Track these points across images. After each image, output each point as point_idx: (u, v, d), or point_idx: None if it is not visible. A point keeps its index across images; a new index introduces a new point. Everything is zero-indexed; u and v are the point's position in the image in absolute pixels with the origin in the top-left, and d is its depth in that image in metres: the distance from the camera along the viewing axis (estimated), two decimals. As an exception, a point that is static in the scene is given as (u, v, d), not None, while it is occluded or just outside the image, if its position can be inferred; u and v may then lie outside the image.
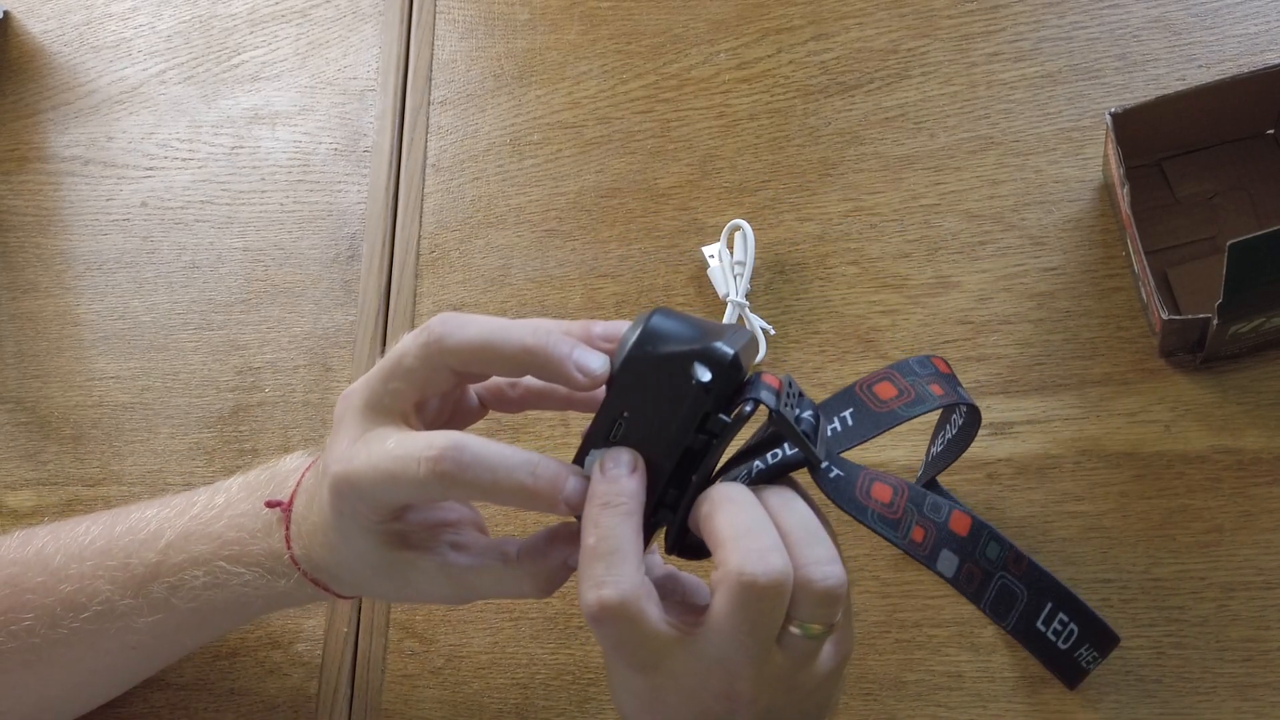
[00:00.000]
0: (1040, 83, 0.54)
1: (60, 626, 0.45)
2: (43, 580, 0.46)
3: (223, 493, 0.45)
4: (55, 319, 0.69)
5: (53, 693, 0.49)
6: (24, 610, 0.46)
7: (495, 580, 0.39)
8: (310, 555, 0.41)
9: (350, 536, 0.39)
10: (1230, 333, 0.43)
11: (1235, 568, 0.45)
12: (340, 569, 0.41)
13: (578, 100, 0.63)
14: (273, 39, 0.72)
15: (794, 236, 0.56)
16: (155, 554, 0.44)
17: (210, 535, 0.43)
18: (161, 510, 0.46)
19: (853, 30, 0.59)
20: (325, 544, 0.40)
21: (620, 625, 0.33)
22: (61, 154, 0.74)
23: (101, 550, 0.46)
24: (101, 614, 0.45)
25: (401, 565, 0.39)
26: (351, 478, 0.37)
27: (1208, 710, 0.43)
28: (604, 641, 0.35)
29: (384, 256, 0.64)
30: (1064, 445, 0.48)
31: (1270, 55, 0.51)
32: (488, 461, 0.35)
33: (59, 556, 0.46)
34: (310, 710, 0.55)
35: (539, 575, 0.38)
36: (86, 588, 0.45)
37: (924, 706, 0.47)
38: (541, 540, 0.38)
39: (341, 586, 0.42)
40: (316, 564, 0.41)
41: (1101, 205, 0.51)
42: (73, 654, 0.46)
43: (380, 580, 0.40)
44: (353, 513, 0.38)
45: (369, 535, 0.38)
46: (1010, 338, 0.50)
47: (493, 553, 0.39)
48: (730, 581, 0.32)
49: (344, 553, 0.40)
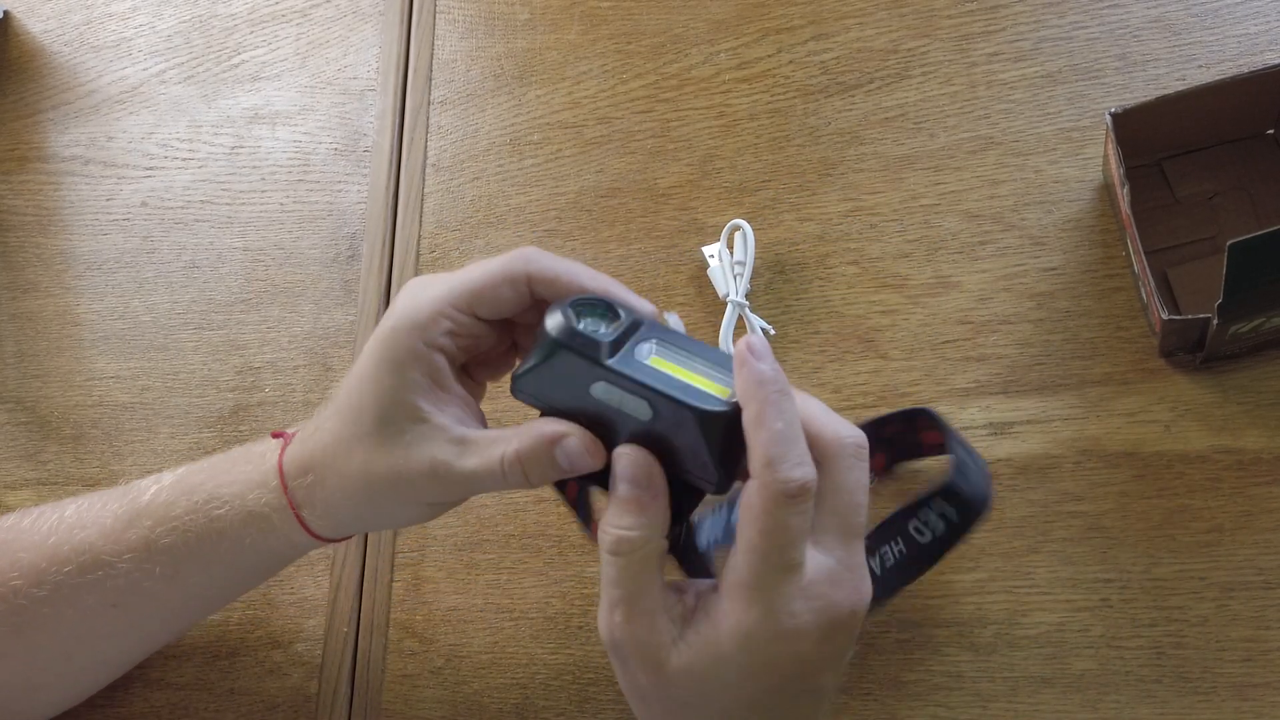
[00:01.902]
0: (1040, 83, 0.54)
1: (45, 583, 0.46)
2: (33, 539, 0.47)
3: (219, 454, 0.46)
4: (55, 319, 0.69)
5: (39, 666, 0.49)
6: (13, 570, 0.46)
7: (491, 480, 0.40)
8: (306, 448, 0.42)
9: (382, 376, 0.40)
10: (1230, 333, 0.43)
11: (1235, 568, 0.45)
12: (338, 444, 0.41)
13: (578, 100, 0.63)
14: (273, 39, 0.72)
15: (794, 236, 0.56)
16: (147, 496, 0.45)
17: (204, 467, 0.45)
18: (160, 474, 0.47)
19: (853, 30, 0.59)
20: (341, 407, 0.41)
21: (808, 508, 0.35)
22: (61, 154, 0.74)
23: (98, 502, 0.47)
24: (84, 565, 0.45)
25: (408, 438, 0.40)
26: (428, 282, 0.41)
27: (1208, 710, 0.43)
28: (795, 519, 0.34)
29: (384, 256, 0.64)
30: (1064, 445, 0.48)
31: (1270, 55, 0.51)
32: (562, 263, 0.40)
33: (54, 517, 0.47)
34: (310, 710, 0.55)
35: (534, 475, 0.39)
36: (72, 538, 0.46)
37: (924, 706, 0.47)
38: (544, 443, 0.39)
39: (318, 504, 0.42)
40: (308, 453, 0.42)
41: (1101, 205, 0.51)
42: (56, 615, 0.46)
43: (373, 483, 0.41)
44: (409, 328, 0.40)
45: (407, 366, 0.40)
46: (1010, 338, 0.50)
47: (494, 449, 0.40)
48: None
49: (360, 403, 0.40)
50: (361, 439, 0.41)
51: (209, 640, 0.58)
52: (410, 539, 0.57)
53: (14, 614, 0.46)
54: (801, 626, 0.35)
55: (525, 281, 0.40)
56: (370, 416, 0.40)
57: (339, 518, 0.43)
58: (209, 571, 0.46)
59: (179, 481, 0.46)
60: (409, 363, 0.40)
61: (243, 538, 0.44)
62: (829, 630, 0.35)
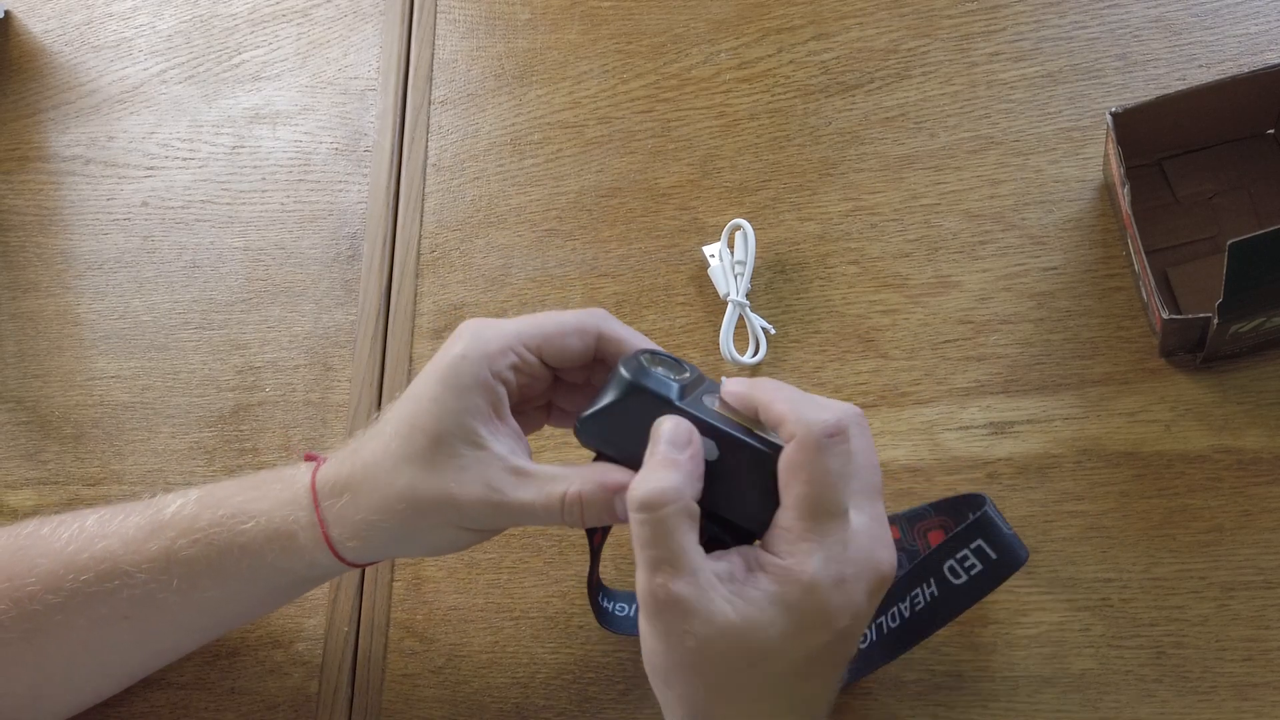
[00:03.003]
0: (1040, 82, 0.54)
1: (60, 590, 0.46)
2: (51, 545, 0.47)
3: (248, 474, 0.46)
4: (55, 318, 0.69)
5: (47, 673, 0.49)
6: (30, 575, 0.46)
7: (547, 514, 0.40)
8: (343, 468, 0.42)
9: (446, 398, 0.40)
10: (1230, 332, 0.43)
11: (1235, 567, 0.45)
12: (375, 470, 0.42)
13: (578, 100, 0.63)
14: (273, 39, 0.72)
15: (794, 236, 0.56)
16: (173, 509, 0.45)
17: (229, 485, 0.46)
18: (187, 489, 0.47)
19: (853, 30, 0.59)
20: (385, 432, 0.42)
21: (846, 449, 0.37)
22: (62, 153, 0.74)
23: (121, 512, 0.47)
24: (100, 574, 0.45)
25: (463, 461, 0.40)
26: (492, 321, 0.42)
27: (1208, 710, 0.43)
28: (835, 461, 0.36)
29: (384, 256, 0.64)
30: (1064, 445, 0.48)
31: (1270, 55, 0.51)
32: (630, 330, 0.43)
33: (75, 525, 0.47)
34: (310, 710, 0.55)
35: (589, 518, 0.40)
36: (90, 547, 0.46)
37: (924, 706, 0.47)
38: (606, 490, 0.40)
39: (346, 523, 0.42)
40: (344, 474, 0.42)
41: (1102, 205, 0.51)
42: (67, 622, 0.46)
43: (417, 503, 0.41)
44: (479, 356, 0.41)
45: (472, 391, 0.40)
46: (1010, 337, 0.50)
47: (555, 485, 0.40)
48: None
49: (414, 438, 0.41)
50: (411, 459, 0.41)
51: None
52: (410, 538, 0.57)
53: (26, 619, 0.46)
54: (856, 574, 0.36)
55: (595, 336, 0.42)
56: (425, 436, 0.41)
57: (369, 539, 0.43)
58: (225, 587, 0.46)
59: (205, 496, 0.46)
60: (474, 388, 0.41)
61: (265, 554, 0.44)
62: (874, 587, 0.36)
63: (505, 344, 0.41)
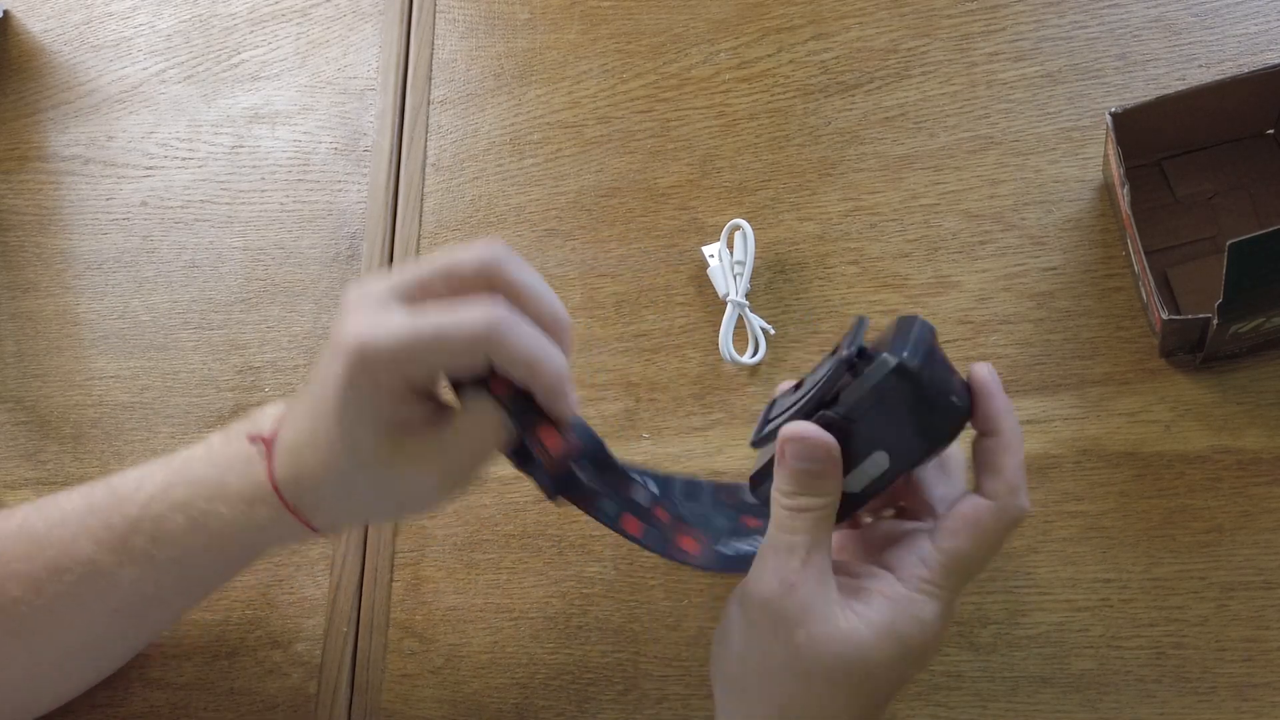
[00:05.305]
0: (1040, 82, 0.54)
1: (44, 593, 0.45)
2: (26, 549, 0.46)
3: (202, 445, 0.45)
4: (55, 318, 0.69)
5: (42, 667, 0.49)
6: (9, 580, 0.46)
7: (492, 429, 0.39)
8: (296, 471, 0.41)
9: (353, 421, 0.39)
10: (1230, 332, 0.43)
11: (1235, 568, 0.45)
12: (328, 475, 0.40)
13: (578, 100, 0.63)
14: (273, 38, 0.72)
15: (794, 236, 0.56)
16: (136, 508, 0.44)
17: (189, 480, 0.44)
18: (142, 470, 0.46)
19: (853, 30, 0.58)
20: (319, 443, 0.40)
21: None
22: (61, 153, 0.74)
23: (84, 511, 0.46)
24: (84, 576, 0.45)
25: (397, 454, 0.39)
26: (379, 344, 0.37)
27: (1208, 710, 0.43)
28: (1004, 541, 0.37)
29: (384, 256, 0.64)
30: (1064, 445, 0.48)
31: (1270, 55, 0.51)
32: (532, 334, 0.37)
33: (41, 525, 0.46)
34: (310, 710, 0.55)
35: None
36: (70, 550, 0.45)
37: (924, 706, 0.47)
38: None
39: (321, 513, 0.42)
40: (301, 478, 0.41)
41: (1101, 205, 0.51)
42: (57, 620, 0.46)
43: (367, 485, 0.40)
44: (371, 386, 0.37)
45: (375, 417, 0.38)
46: (1010, 338, 0.50)
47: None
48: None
49: (338, 449, 0.39)
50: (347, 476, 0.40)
51: (209, 640, 0.58)
52: (410, 539, 0.57)
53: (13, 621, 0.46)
54: (941, 637, 0.37)
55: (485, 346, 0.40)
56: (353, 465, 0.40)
57: (346, 510, 0.42)
58: (212, 570, 0.47)
59: (165, 493, 0.44)
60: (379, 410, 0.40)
61: (240, 540, 0.44)
62: (932, 658, 0.39)
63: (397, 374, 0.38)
